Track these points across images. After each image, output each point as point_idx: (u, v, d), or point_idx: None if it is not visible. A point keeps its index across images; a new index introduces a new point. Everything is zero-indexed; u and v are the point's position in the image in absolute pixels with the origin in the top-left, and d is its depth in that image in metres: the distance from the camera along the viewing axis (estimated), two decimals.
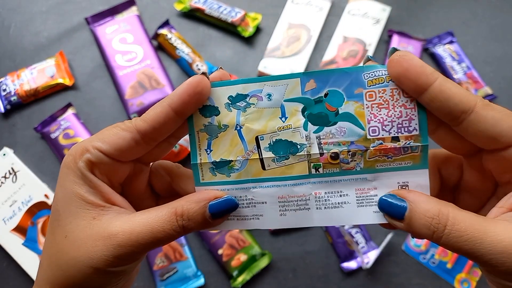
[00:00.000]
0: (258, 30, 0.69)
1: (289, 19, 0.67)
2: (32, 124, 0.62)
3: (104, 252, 0.22)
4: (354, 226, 0.58)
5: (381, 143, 0.23)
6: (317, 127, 0.23)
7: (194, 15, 0.69)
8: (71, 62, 0.67)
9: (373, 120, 0.23)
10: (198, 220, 0.23)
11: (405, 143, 0.23)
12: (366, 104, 0.23)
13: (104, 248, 0.22)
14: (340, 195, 0.24)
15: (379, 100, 0.23)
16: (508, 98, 0.65)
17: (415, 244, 0.58)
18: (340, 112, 0.23)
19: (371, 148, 0.23)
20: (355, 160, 0.23)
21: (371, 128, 0.23)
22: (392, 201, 0.22)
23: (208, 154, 0.24)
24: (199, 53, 0.66)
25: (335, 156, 0.23)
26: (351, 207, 0.24)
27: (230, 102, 0.24)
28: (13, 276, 0.57)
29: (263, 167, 0.24)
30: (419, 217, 0.21)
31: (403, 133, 0.23)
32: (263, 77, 0.24)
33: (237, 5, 0.69)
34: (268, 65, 0.65)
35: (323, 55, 0.66)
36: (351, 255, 0.57)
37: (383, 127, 0.23)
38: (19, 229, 0.57)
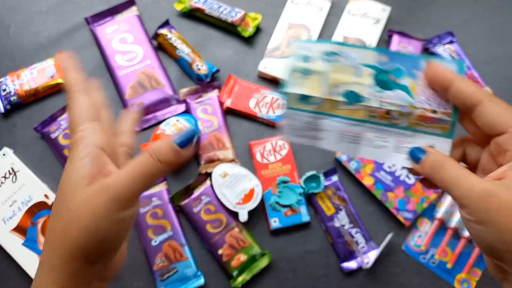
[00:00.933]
0: (258, 30, 0.69)
1: (289, 19, 0.67)
2: (32, 124, 0.62)
3: (103, 199, 0.26)
4: (354, 226, 0.58)
5: (423, 111, 0.31)
6: (380, 88, 0.31)
7: (194, 15, 0.69)
8: None
9: (421, 94, 0.31)
10: (168, 151, 0.28)
11: (440, 116, 0.31)
12: (419, 82, 0.31)
13: (103, 196, 0.26)
14: (384, 141, 0.32)
15: None
16: (508, 98, 0.65)
17: (415, 244, 0.58)
18: (399, 83, 0.31)
19: (415, 113, 0.31)
20: (401, 119, 0.31)
21: (418, 99, 0.31)
22: (416, 149, 0.31)
23: (297, 87, 0.32)
24: (199, 53, 0.66)
25: (388, 112, 0.31)
26: (389, 150, 0.32)
27: (323, 56, 0.32)
28: (13, 276, 0.57)
29: (335, 107, 0.32)
30: (427, 162, 0.30)
31: (440, 109, 0.31)
32: (351, 44, 0.32)
33: (237, 5, 0.69)
34: (268, 65, 0.65)
35: None
36: (351, 255, 0.57)
37: (428, 101, 0.31)
38: (19, 229, 0.57)
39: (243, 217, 0.56)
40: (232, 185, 0.58)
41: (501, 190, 0.26)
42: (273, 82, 0.66)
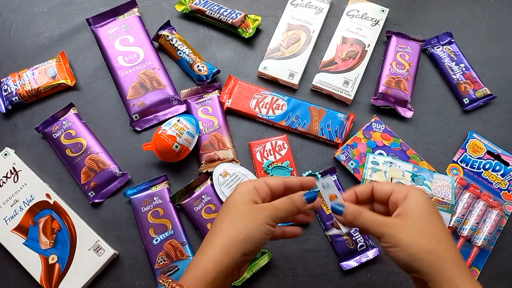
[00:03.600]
0: (258, 31, 0.69)
1: (288, 21, 0.68)
2: (34, 124, 0.63)
3: (263, 213, 0.40)
4: None
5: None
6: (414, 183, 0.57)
7: (194, 16, 0.69)
8: (72, 63, 0.67)
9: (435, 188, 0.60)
10: (300, 200, 0.42)
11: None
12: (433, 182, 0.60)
13: (263, 211, 0.40)
14: None
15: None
16: (507, 98, 0.65)
17: None
18: (423, 182, 0.59)
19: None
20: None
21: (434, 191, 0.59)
22: (337, 205, 0.42)
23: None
24: (200, 54, 0.67)
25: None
26: None
27: (385, 162, 0.59)
28: (14, 276, 0.58)
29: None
30: (348, 212, 0.41)
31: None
32: (398, 158, 0.61)
33: (237, 7, 0.70)
34: (268, 66, 0.65)
35: (323, 56, 0.67)
36: (350, 254, 0.57)
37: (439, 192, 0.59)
38: (20, 229, 0.57)
39: None
40: (233, 184, 0.59)
41: (399, 221, 0.39)
42: (273, 83, 0.66)
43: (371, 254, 0.57)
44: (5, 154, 0.61)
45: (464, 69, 0.66)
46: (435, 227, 0.39)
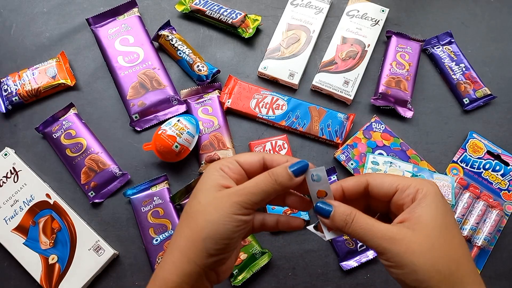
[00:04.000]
0: (258, 31, 0.69)
1: (288, 20, 0.68)
2: (34, 124, 0.63)
3: (228, 201, 0.32)
4: None
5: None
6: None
7: (194, 16, 0.69)
8: (72, 63, 0.67)
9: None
10: (283, 175, 0.33)
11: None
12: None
13: (228, 199, 0.32)
14: None
15: None
16: (507, 98, 0.65)
17: None
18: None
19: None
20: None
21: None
22: (322, 204, 0.34)
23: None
24: (200, 54, 0.67)
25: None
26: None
27: (385, 162, 0.57)
28: (14, 276, 0.58)
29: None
30: (338, 215, 0.33)
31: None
32: (398, 158, 0.56)
33: (237, 7, 0.70)
34: (268, 66, 0.65)
35: (323, 56, 0.67)
36: (350, 254, 0.57)
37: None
38: (20, 229, 0.57)
39: None
40: None
41: (405, 232, 0.30)
42: (273, 83, 0.66)
43: (371, 254, 0.57)
44: (5, 154, 0.61)
45: (464, 69, 0.66)
46: (453, 240, 0.30)
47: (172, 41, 0.66)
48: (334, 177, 0.61)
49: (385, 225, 0.31)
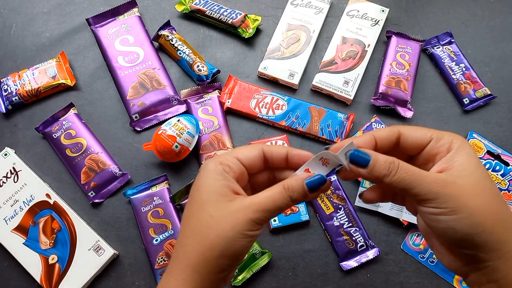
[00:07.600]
0: (258, 31, 0.69)
1: (288, 20, 0.68)
2: (34, 124, 0.63)
3: (244, 218, 0.30)
4: (353, 226, 0.58)
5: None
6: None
7: (194, 16, 0.69)
8: (72, 63, 0.67)
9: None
10: (299, 191, 0.32)
11: None
12: None
13: (244, 216, 0.30)
14: None
15: None
16: (507, 98, 0.65)
17: (414, 243, 0.58)
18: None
19: None
20: None
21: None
22: (359, 154, 0.31)
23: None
24: (200, 54, 0.67)
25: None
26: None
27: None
28: (14, 276, 0.58)
29: None
30: (380, 164, 0.30)
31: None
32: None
33: (237, 7, 0.70)
34: (268, 66, 0.65)
35: (323, 56, 0.67)
36: (350, 254, 0.57)
37: None
38: (20, 229, 0.58)
39: None
40: None
41: (454, 177, 0.29)
42: (273, 83, 0.66)
43: (371, 254, 0.57)
44: (5, 154, 0.61)
45: (464, 69, 0.66)
46: (493, 184, 0.30)
47: (172, 41, 0.66)
48: (334, 177, 0.61)
49: (430, 172, 0.30)
